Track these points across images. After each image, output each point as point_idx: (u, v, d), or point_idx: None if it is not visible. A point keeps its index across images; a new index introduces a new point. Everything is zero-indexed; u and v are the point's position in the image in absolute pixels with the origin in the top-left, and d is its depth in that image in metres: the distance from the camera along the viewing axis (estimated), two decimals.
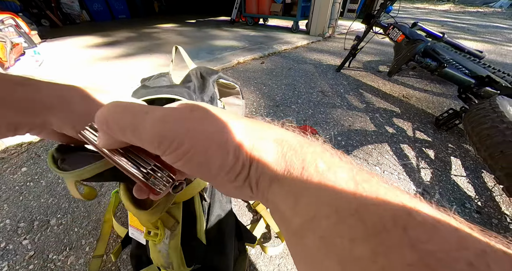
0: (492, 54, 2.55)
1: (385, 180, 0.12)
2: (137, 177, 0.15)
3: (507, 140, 0.52)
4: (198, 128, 0.13)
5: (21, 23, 2.16)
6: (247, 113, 1.24)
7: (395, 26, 1.38)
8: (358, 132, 1.12)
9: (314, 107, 1.32)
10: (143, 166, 0.15)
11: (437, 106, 1.40)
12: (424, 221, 0.09)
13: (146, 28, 3.54)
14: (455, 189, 0.84)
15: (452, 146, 1.05)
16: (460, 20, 5.82)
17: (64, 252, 0.59)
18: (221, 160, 0.13)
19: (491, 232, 0.10)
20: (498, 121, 0.57)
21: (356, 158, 0.95)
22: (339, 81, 1.70)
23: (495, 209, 0.77)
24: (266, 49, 2.37)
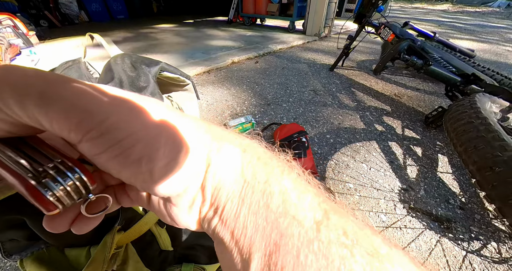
0: (487, 54, 2.56)
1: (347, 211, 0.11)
2: (21, 179, 0.09)
3: (480, 135, 0.53)
4: (145, 110, 0.09)
5: (19, 24, 2.18)
6: (238, 112, 1.26)
7: (386, 25, 1.39)
8: (347, 130, 1.13)
9: (305, 106, 1.34)
10: (39, 162, 0.09)
11: (428, 104, 1.41)
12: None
13: (144, 28, 3.56)
14: (440, 186, 0.85)
15: (440, 144, 1.06)
16: (458, 20, 5.83)
17: None
18: (172, 155, 0.09)
19: None
20: (474, 117, 0.58)
21: (344, 155, 0.97)
22: (331, 80, 1.71)
23: (479, 205, 0.78)
24: (261, 49, 2.38)
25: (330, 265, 0.08)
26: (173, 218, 0.12)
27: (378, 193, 0.80)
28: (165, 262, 0.34)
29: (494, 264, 0.61)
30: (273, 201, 0.10)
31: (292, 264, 0.08)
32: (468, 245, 0.65)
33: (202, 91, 1.48)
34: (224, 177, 0.11)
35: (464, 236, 0.68)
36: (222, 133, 0.12)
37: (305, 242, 0.09)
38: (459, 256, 0.62)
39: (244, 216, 0.10)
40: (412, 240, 0.66)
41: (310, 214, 0.10)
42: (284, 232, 0.09)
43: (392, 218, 0.72)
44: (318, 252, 0.08)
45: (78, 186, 0.09)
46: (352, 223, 0.10)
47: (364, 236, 0.09)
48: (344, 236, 0.09)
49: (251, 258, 0.09)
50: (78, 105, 0.08)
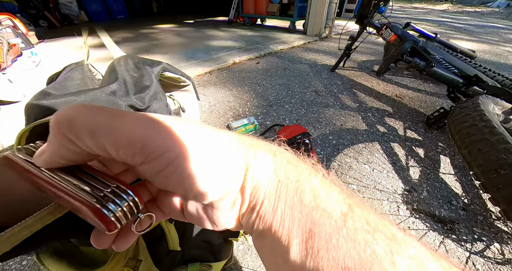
0: (487, 54, 2.57)
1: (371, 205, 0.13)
2: (88, 204, 0.10)
3: (485, 137, 0.54)
4: (191, 132, 0.11)
5: (19, 24, 2.18)
6: (240, 113, 1.26)
7: (387, 26, 1.40)
8: (349, 131, 1.13)
9: (307, 107, 1.34)
10: (99, 188, 0.10)
11: (429, 105, 1.42)
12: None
13: (144, 28, 3.55)
14: (442, 187, 0.85)
15: (442, 145, 1.07)
16: (458, 20, 5.84)
17: None
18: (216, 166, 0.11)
19: None
20: (478, 119, 0.59)
21: (347, 156, 0.97)
22: (333, 81, 1.72)
23: (481, 206, 0.78)
24: (262, 49, 2.38)
25: (357, 246, 0.10)
26: (214, 220, 0.13)
27: (381, 194, 0.80)
28: (173, 263, 0.34)
29: (497, 265, 0.61)
30: (305, 197, 0.11)
31: (326, 246, 0.10)
32: (471, 246, 0.66)
33: (204, 92, 1.48)
34: (261, 178, 0.12)
35: (467, 237, 0.68)
36: (253, 142, 0.14)
37: (335, 229, 0.10)
38: (462, 257, 0.63)
39: (281, 210, 0.11)
40: None
41: (337, 207, 0.11)
42: (317, 222, 0.11)
43: (396, 219, 0.73)
44: (347, 237, 0.10)
45: (132, 207, 0.11)
46: (372, 215, 0.11)
47: (383, 225, 0.11)
48: (367, 225, 0.11)
49: (290, 244, 0.11)
50: (139, 134, 0.10)
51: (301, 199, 0.11)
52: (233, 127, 1.03)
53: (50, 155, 0.11)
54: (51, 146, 0.11)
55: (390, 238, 0.10)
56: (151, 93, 0.32)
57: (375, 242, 0.10)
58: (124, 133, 0.10)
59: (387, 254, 0.10)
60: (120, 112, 0.11)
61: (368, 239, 0.10)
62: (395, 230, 0.11)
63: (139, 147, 0.10)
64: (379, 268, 0.09)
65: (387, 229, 0.11)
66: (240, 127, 1.03)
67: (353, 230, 0.10)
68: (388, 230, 0.11)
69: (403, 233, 0.11)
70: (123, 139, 0.10)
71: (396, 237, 0.10)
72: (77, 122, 0.10)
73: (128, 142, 0.10)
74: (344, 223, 0.11)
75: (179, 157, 0.10)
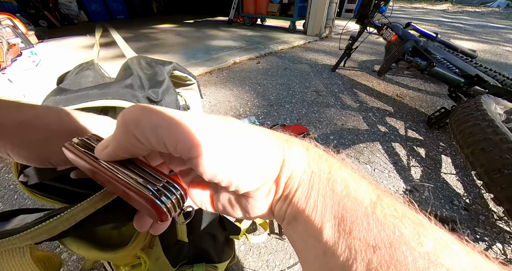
0: (487, 54, 2.57)
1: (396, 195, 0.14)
2: (144, 196, 0.11)
3: (488, 137, 0.53)
4: (236, 129, 0.13)
5: (18, 24, 2.18)
6: (241, 113, 1.26)
7: (388, 26, 1.39)
8: (350, 131, 1.13)
9: (308, 107, 1.34)
10: (152, 182, 0.12)
11: (430, 105, 1.42)
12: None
13: (144, 28, 3.55)
14: (444, 187, 0.85)
15: (443, 144, 1.06)
16: (458, 20, 5.85)
17: (57, 249, 0.60)
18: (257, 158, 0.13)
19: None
20: (481, 119, 0.58)
21: (348, 156, 0.97)
22: (333, 81, 1.72)
23: (483, 206, 0.78)
24: (262, 49, 2.38)
25: (386, 229, 0.11)
26: (248, 209, 0.15)
27: None
28: (180, 254, 0.34)
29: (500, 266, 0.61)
30: (336, 187, 0.12)
31: (358, 228, 0.11)
32: (473, 247, 0.65)
33: (204, 92, 1.47)
34: (295, 169, 0.13)
35: (469, 237, 0.68)
36: (288, 137, 0.15)
37: (366, 214, 0.11)
38: None
39: (314, 198, 0.13)
40: None
41: (367, 196, 0.12)
42: (349, 208, 0.12)
43: None
44: (377, 221, 0.11)
45: (179, 200, 0.12)
46: (400, 204, 0.12)
47: (410, 213, 0.12)
48: (395, 211, 0.11)
49: (324, 227, 0.12)
50: (195, 131, 0.12)
51: (333, 189, 0.12)
52: None
53: (114, 149, 0.12)
54: (116, 142, 0.12)
55: (417, 223, 0.11)
56: (164, 88, 0.35)
57: (403, 225, 0.11)
58: (183, 131, 0.11)
59: (415, 235, 0.10)
60: (175, 112, 0.12)
61: (396, 223, 0.11)
62: (421, 217, 0.12)
63: (195, 143, 0.11)
64: (407, 247, 0.10)
65: (414, 216, 0.12)
66: None
67: (382, 215, 0.11)
68: (415, 217, 0.11)
69: (429, 220, 0.12)
70: (181, 136, 0.11)
71: (423, 222, 0.11)
72: (142, 123, 0.11)
73: (185, 139, 0.11)
74: (374, 210, 0.11)
75: (220, 154, 0.12)
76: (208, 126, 0.12)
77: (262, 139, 0.13)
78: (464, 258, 0.10)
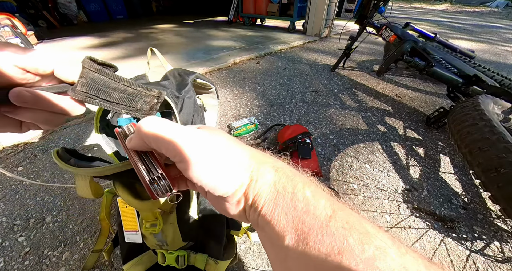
0: (486, 54, 2.58)
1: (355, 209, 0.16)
2: (144, 180, 0.17)
3: (485, 136, 0.54)
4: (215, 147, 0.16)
5: (18, 24, 2.17)
6: (241, 113, 1.26)
7: (387, 26, 1.40)
8: (350, 131, 1.14)
9: (307, 107, 1.34)
10: (152, 172, 0.17)
11: (429, 105, 1.43)
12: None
13: (144, 28, 3.55)
14: (443, 186, 0.86)
15: (442, 144, 1.07)
16: (457, 20, 5.86)
17: (59, 248, 0.61)
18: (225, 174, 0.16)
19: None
20: (478, 119, 0.59)
21: (347, 156, 0.97)
22: (333, 81, 1.72)
23: (481, 205, 0.79)
24: (262, 49, 2.39)
25: (336, 240, 0.13)
26: (225, 208, 0.18)
27: (382, 194, 0.81)
28: (190, 229, 0.39)
29: (497, 263, 0.62)
30: (298, 204, 0.15)
31: (314, 240, 0.13)
32: (472, 245, 0.66)
33: None
34: (261, 188, 0.16)
35: (468, 235, 0.69)
36: (263, 158, 0.18)
37: (321, 228, 0.14)
38: (463, 256, 0.63)
39: (278, 213, 0.15)
40: (416, 240, 0.67)
41: (324, 212, 0.14)
42: (307, 223, 0.14)
43: (396, 218, 0.73)
44: (330, 234, 0.13)
45: (167, 189, 0.17)
46: (352, 216, 0.15)
47: (359, 224, 0.14)
48: (346, 224, 0.14)
49: (285, 238, 0.14)
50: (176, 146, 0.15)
51: (295, 206, 0.15)
52: (234, 127, 1.03)
53: (133, 144, 0.17)
54: (135, 139, 0.17)
55: (363, 233, 0.13)
56: (186, 89, 0.46)
57: (351, 236, 0.13)
58: (169, 144, 0.15)
59: (359, 244, 0.13)
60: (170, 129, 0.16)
61: (345, 234, 0.13)
62: (370, 227, 0.14)
63: (175, 154, 0.15)
64: (351, 254, 0.12)
65: (362, 226, 0.14)
66: (241, 127, 1.03)
67: (335, 228, 0.13)
68: (363, 227, 0.14)
69: (377, 229, 0.14)
70: (168, 147, 0.15)
71: (368, 232, 0.13)
72: (147, 133, 0.16)
73: (171, 150, 0.15)
74: (328, 223, 0.14)
75: (197, 163, 0.15)
76: (196, 144, 0.15)
77: (237, 159, 0.16)
78: (396, 260, 0.12)
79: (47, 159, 0.90)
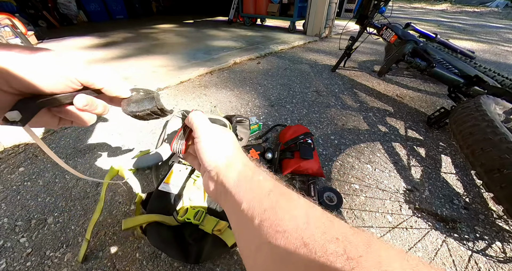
0: (486, 54, 2.58)
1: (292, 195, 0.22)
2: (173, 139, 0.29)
3: (487, 137, 0.54)
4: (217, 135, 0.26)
5: (18, 24, 2.17)
6: (242, 113, 1.26)
7: (388, 27, 1.40)
8: (351, 131, 1.14)
9: (308, 107, 1.34)
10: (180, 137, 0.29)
11: (430, 105, 1.43)
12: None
13: (144, 28, 3.55)
14: (444, 186, 0.86)
15: (443, 144, 1.07)
16: (457, 20, 5.87)
17: (61, 249, 0.61)
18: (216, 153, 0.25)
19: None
20: (480, 119, 0.59)
21: (349, 156, 0.97)
22: (334, 81, 1.72)
23: (482, 205, 0.79)
24: (262, 49, 2.38)
25: (273, 203, 0.20)
26: (206, 184, 0.26)
27: (384, 194, 0.81)
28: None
29: (499, 264, 0.62)
30: (252, 184, 0.22)
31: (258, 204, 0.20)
32: (474, 245, 0.66)
33: (205, 93, 1.48)
34: (230, 173, 0.23)
35: (469, 236, 0.69)
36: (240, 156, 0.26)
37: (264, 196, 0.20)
38: (465, 256, 0.63)
39: (239, 189, 0.22)
40: (418, 240, 0.67)
41: (267, 188, 0.21)
42: (256, 194, 0.21)
43: (398, 218, 0.73)
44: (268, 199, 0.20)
45: (179, 149, 0.28)
46: (285, 190, 0.21)
47: (288, 193, 0.21)
48: (280, 193, 0.21)
49: (242, 204, 0.21)
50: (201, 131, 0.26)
51: (251, 185, 0.22)
52: None
53: (185, 121, 0.28)
54: (186, 120, 0.28)
55: (288, 198, 0.20)
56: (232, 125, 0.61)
57: (283, 199, 0.20)
58: (195, 126, 0.26)
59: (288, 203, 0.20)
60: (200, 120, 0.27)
61: (278, 198, 0.20)
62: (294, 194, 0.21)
63: (195, 133, 0.26)
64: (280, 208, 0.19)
65: (289, 194, 0.21)
66: None
67: (273, 195, 0.20)
68: (289, 194, 0.21)
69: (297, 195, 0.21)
70: (194, 128, 0.27)
71: (292, 197, 0.20)
72: (189, 118, 0.27)
73: (195, 129, 0.26)
74: (269, 193, 0.20)
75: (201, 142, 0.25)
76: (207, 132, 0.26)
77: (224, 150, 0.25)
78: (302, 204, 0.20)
79: (48, 159, 0.90)
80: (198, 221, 0.51)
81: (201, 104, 1.34)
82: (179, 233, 0.53)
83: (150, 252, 0.59)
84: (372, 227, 0.69)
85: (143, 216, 0.54)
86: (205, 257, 0.52)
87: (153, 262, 0.58)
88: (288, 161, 0.83)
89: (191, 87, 1.56)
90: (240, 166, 0.23)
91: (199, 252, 0.52)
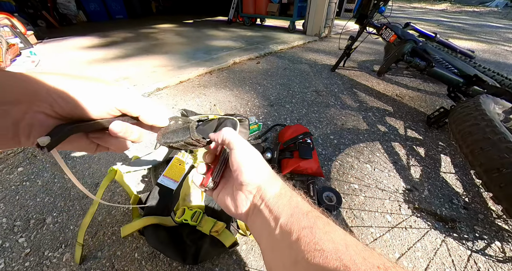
0: (486, 54, 2.58)
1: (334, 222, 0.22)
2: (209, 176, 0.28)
3: (487, 137, 0.54)
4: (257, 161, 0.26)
5: (17, 23, 2.17)
6: (242, 113, 1.26)
7: (387, 26, 1.40)
8: (350, 131, 1.14)
9: (308, 107, 1.34)
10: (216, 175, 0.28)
11: (430, 105, 1.43)
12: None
13: (144, 28, 3.54)
14: (443, 186, 0.86)
15: (442, 144, 1.07)
16: (456, 19, 5.87)
17: (60, 249, 0.61)
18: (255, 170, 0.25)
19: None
20: (480, 119, 0.59)
21: (348, 156, 0.97)
22: (333, 80, 1.72)
23: (482, 205, 0.79)
24: (262, 49, 2.38)
25: (311, 221, 0.21)
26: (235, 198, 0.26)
27: (383, 194, 0.81)
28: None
29: (499, 263, 0.62)
30: (291, 203, 0.23)
31: (297, 221, 0.21)
32: (473, 245, 0.66)
33: (204, 93, 1.48)
34: (269, 191, 0.24)
35: (469, 235, 0.68)
36: (275, 176, 0.26)
37: (303, 215, 0.21)
38: (464, 256, 0.63)
39: (278, 205, 0.23)
40: (417, 240, 0.67)
41: (305, 209, 0.22)
42: (295, 212, 0.22)
43: (398, 218, 0.73)
44: (307, 218, 0.21)
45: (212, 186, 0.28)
46: (320, 213, 0.23)
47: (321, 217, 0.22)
48: (318, 217, 0.22)
49: (280, 218, 0.22)
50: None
51: (290, 203, 0.23)
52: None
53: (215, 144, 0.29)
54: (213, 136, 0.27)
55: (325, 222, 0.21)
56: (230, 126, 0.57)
57: (319, 221, 0.21)
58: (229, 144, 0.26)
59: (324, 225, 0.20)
60: (235, 140, 0.25)
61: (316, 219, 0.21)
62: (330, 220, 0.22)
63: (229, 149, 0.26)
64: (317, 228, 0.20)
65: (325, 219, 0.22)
66: None
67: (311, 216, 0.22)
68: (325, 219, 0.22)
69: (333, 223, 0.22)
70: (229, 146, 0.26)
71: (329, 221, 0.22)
72: (223, 138, 0.26)
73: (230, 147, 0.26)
74: (307, 214, 0.22)
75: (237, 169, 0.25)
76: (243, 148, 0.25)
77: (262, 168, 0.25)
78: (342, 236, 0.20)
79: (47, 160, 0.90)
80: (195, 222, 0.51)
81: (201, 104, 1.34)
82: (177, 233, 0.53)
83: (149, 252, 0.59)
84: (372, 227, 0.69)
85: (141, 220, 0.54)
86: (203, 258, 0.53)
87: (152, 262, 0.57)
88: (287, 161, 0.83)
89: (190, 87, 1.56)
90: (281, 184, 0.25)
91: (197, 252, 0.52)
